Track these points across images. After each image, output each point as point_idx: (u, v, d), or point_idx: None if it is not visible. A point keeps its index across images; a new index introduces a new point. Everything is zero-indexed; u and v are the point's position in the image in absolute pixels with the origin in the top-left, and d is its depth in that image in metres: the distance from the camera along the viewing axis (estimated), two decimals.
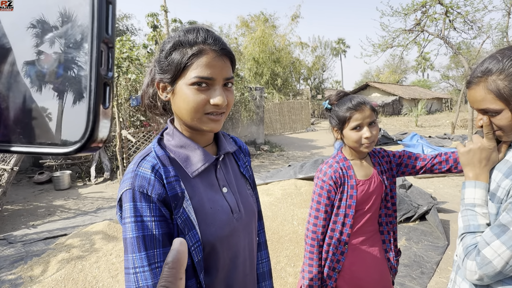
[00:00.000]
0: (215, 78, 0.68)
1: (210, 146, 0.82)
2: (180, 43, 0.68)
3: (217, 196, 0.76)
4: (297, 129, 17.23)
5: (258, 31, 19.46)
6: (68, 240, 3.69)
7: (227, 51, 0.71)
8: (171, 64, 0.69)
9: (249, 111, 8.74)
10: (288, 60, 20.71)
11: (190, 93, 0.67)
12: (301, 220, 3.45)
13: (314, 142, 12.78)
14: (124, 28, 23.67)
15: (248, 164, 0.95)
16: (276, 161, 8.94)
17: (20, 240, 3.83)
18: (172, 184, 0.68)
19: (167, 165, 0.70)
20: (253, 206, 0.87)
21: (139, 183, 0.65)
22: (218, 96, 0.68)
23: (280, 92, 20.49)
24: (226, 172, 0.83)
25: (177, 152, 0.74)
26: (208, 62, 0.67)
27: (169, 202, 0.67)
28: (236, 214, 0.78)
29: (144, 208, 0.64)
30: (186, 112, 0.69)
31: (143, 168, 0.68)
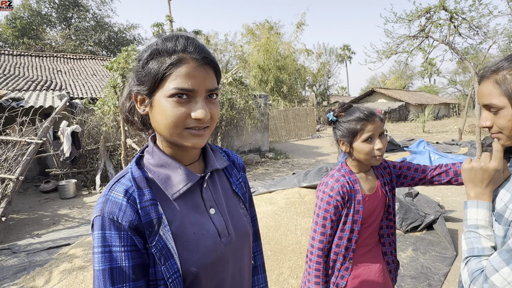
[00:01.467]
0: (196, 90, 0.62)
1: (196, 163, 0.75)
2: (158, 52, 0.63)
3: (202, 219, 0.69)
4: (302, 136, 17.16)
5: (263, 39, 19.61)
6: (71, 250, 3.69)
7: (210, 60, 0.65)
8: (148, 75, 0.63)
9: (253, 119, 8.73)
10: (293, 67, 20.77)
11: (168, 106, 0.61)
12: (305, 230, 3.39)
13: (319, 149, 12.70)
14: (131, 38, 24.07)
15: (242, 180, 0.87)
16: (280, 168, 8.89)
17: (24, 250, 3.84)
18: (147, 209, 0.62)
19: (143, 187, 0.64)
20: (247, 227, 0.80)
21: (109, 209, 0.60)
22: (200, 109, 0.61)
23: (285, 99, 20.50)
24: (215, 191, 0.76)
25: (156, 172, 0.68)
26: (188, 72, 0.61)
27: (143, 229, 0.61)
28: (224, 238, 0.71)
29: (114, 237, 0.59)
30: (165, 127, 0.63)
31: (115, 192, 0.63)
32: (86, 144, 7.39)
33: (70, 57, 14.00)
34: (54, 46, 20.29)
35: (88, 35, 21.10)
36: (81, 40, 21.03)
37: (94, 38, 21.01)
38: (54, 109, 6.73)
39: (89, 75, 12.13)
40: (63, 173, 6.97)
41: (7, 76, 9.64)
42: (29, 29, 20.05)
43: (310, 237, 1.26)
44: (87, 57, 14.63)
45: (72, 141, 6.56)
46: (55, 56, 13.58)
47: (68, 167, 7.14)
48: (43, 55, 13.31)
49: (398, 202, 3.95)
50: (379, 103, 28.09)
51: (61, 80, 10.59)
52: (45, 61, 12.84)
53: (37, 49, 19.32)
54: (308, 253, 1.26)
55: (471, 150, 8.81)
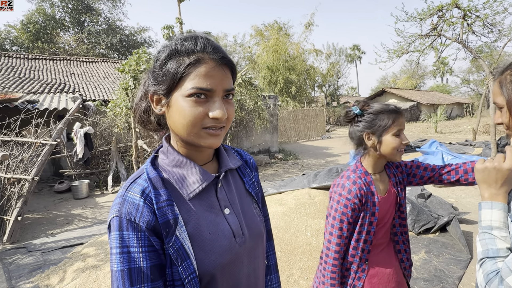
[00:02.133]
0: (215, 89, 0.62)
1: (210, 163, 0.76)
2: (177, 52, 0.63)
3: (217, 219, 0.69)
4: (312, 136, 17.07)
5: (272, 40, 19.62)
6: (84, 249, 3.76)
7: (228, 61, 0.65)
8: (167, 75, 0.63)
9: (263, 120, 8.74)
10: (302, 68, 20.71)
11: (187, 106, 0.61)
12: (315, 232, 3.37)
13: (329, 150, 12.60)
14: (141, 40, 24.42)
15: (255, 179, 0.87)
16: (290, 169, 8.86)
17: (39, 249, 3.93)
18: (163, 210, 0.62)
19: (159, 188, 0.64)
20: (260, 227, 0.79)
21: (126, 210, 0.60)
22: (218, 109, 0.62)
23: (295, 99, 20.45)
24: (229, 191, 0.76)
25: (171, 172, 0.68)
26: (207, 72, 0.61)
27: (160, 230, 0.61)
28: (239, 239, 0.71)
29: (131, 237, 0.59)
30: (182, 127, 0.63)
31: (132, 192, 0.63)
32: (99, 145, 7.52)
33: (83, 60, 14.29)
34: (67, 50, 20.75)
35: (100, 38, 21.51)
36: (94, 43, 21.45)
37: (106, 41, 21.39)
38: (67, 111, 6.88)
39: (101, 77, 12.35)
40: (76, 174, 7.11)
41: (23, 79, 9.91)
42: (44, 33, 20.56)
43: (325, 240, 1.25)
44: (99, 60, 14.91)
45: (85, 143, 6.69)
46: (68, 60, 13.88)
47: (81, 168, 7.28)
48: (56, 59, 13.63)
49: (410, 203, 3.89)
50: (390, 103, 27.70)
51: (74, 82, 10.82)
52: (58, 64, 13.14)
53: (51, 52, 19.80)
54: (323, 255, 1.25)
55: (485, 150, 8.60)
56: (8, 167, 4.75)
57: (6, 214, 4.43)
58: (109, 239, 0.62)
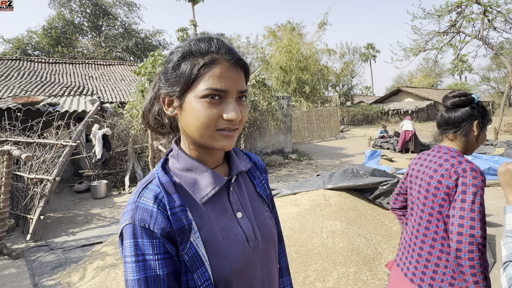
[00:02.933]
0: (229, 91, 0.62)
1: (221, 166, 0.75)
2: (191, 53, 0.63)
3: (231, 224, 0.69)
4: (325, 137, 16.91)
5: (285, 40, 19.57)
6: (103, 248, 3.84)
7: (242, 62, 0.65)
8: (180, 76, 0.63)
9: (276, 120, 8.72)
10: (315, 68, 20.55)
11: (200, 107, 0.61)
12: (330, 233, 3.33)
13: (343, 150, 12.45)
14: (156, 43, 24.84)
15: (265, 182, 0.88)
16: (304, 170, 8.80)
17: (60, 247, 4.05)
18: (178, 216, 0.61)
19: (171, 193, 0.64)
20: (272, 230, 0.79)
21: (140, 217, 0.59)
22: (232, 110, 0.62)
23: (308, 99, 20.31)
24: (241, 194, 0.75)
25: (183, 177, 0.67)
26: (221, 72, 0.61)
27: (174, 236, 0.60)
28: (252, 243, 0.70)
29: (146, 245, 0.58)
30: (196, 129, 0.63)
31: (145, 198, 0.62)
32: (116, 146, 7.69)
33: (100, 63, 14.66)
34: (86, 54, 21.35)
35: (116, 42, 22.02)
36: (110, 47, 21.98)
37: (123, 44, 21.88)
38: (86, 113, 7.07)
39: (118, 80, 12.63)
40: (95, 174, 7.29)
41: (44, 83, 10.25)
42: (63, 38, 21.24)
43: (464, 228, 1.13)
44: (116, 63, 15.25)
45: (103, 144, 6.85)
46: (87, 63, 14.27)
47: (99, 169, 7.46)
48: (75, 62, 14.04)
49: None
50: (405, 103, 27.15)
51: (92, 85, 11.11)
52: (77, 67, 13.53)
53: (70, 56, 20.42)
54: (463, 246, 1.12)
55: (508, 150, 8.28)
56: (31, 167, 4.92)
57: (29, 213, 4.59)
58: (121, 248, 0.60)
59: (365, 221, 3.68)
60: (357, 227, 3.53)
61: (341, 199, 4.05)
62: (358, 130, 21.87)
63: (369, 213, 3.86)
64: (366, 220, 3.71)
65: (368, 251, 3.12)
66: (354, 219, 3.67)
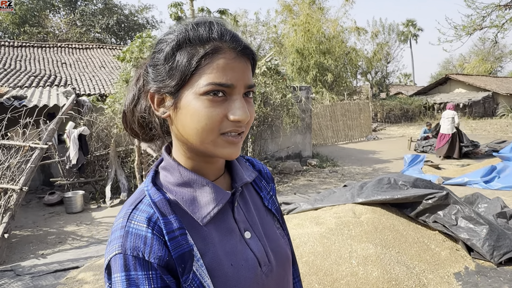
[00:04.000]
0: (235, 85, 0.62)
1: (222, 177, 0.76)
2: (188, 40, 0.62)
3: (239, 246, 0.69)
4: (354, 137, 16.84)
5: (302, 16, 19.63)
6: (80, 274, 3.92)
7: (250, 51, 0.66)
8: (175, 68, 0.63)
9: (292, 117, 8.73)
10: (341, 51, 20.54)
11: (201, 106, 0.61)
12: (362, 259, 3.32)
13: (376, 154, 12.37)
14: (143, 21, 25.15)
15: (272, 193, 0.89)
16: (327, 179, 8.78)
17: (28, 272, 4.14)
18: (177, 240, 0.62)
19: (167, 213, 0.64)
20: (287, 250, 0.80)
21: (131, 244, 0.59)
22: (239, 109, 0.62)
23: (332, 90, 20.30)
24: (247, 210, 0.76)
25: (179, 193, 0.68)
26: (226, 64, 0.61)
27: (174, 266, 0.61)
28: (265, 267, 0.71)
29: (141, 279, 0.58)
30: (195, 133, 0.63)
31: (136, 222, 0.62)
32: (95, 149, 7.82)
33: (76, 47, 14.93)
34: (58, 35, 21.76)
35: (95, 20, 22.38)
36: (87, 26, 22.36)
37: (102, 23, 22.22)
38: (59, 108, 7.21)
39: (97, 67, 12.84)
40: (69, 183, 7.42)
41: (8, 71, 10.50)
42: (31, 16, 21.68)
43: None
44: (94, 46, 15.50)
45: (79, 146, 6.98)
46: (59, 46, 14.55)
47: (74, 176, 7.60)
48: (46, 46, 14.33)
49: (488, 224, 3.76)
50: (455, 94, 26.84)
51: (66, 74, 11.33)
52: (48, 52, 13.81)
53: (39, 38, 20.84)
54: None
55: None
56: None
57: None
58: (108, 283, 0.61)
59: (405, 245, 3.66)
60: (395, 251, 3.52)
61: (374, 216, 4.04)
62: (395, 129, 21.72)
63: (410, 234, 3.84)
64: (406, 243, 3.70)
65: (409, 282, 3.11)
66: (391, 241, 3.66)
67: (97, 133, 7.84)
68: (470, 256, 3.71)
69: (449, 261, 3.56)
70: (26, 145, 5.30)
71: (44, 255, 4.69)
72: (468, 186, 7.07)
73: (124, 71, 6.91)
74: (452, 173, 8.19)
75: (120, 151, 7.81)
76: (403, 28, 45.40)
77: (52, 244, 5.10)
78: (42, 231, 5.66)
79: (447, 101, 25.55)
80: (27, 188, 4.92)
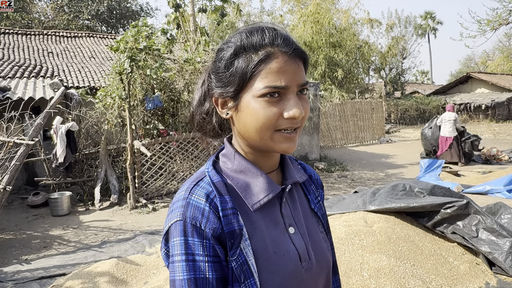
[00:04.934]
0: (289, 86, 0.74)
1: (275, 172, 0.89)
2: (243, 48, 0.75)
3: (282, 238, 0.81)
4: (365, 139, 16.87)
5: (311, 6, 19.67)
6: (68, 281, 3.95)
7: (300, 52, 0.77)
8: (234, 75, 0.76)
9: None
10: (352, 44, 20.58)
11: (259, 107, 0.74)
12: (374, 271, 3.36)
13: (390, 159, 12.39)
14: (137, 8, 25.21)
15: (320, 199, 1.01)
16: (336, 184, 8.82)
17: (11, 279, 4.18)
18: (229, 218, 0.75)
19: (223, 194, 0.77)
20: (327, 254, 0.91)
21: (191, 214, 0.73)
22: (294, 107, 0.74)
23: (342, 88, 20.34)
24: (293, 207, 0.88)
25: (235, 179, 0.82)
26: (279, 67, 0.73)
27: (225, 240, 0.74)
28: (305, 263, 0.82)
29: (197, 244, 0.71)
30: (255, 130, 0.75)
31: (196, 196, 0.76)
32: (84, 146, 7.85)
33: (63, 35, 14.98)
34: (44, 21, 21.82)
35: (84, 5, 22.42)
36: (76, 12, 22.40)
37: (91, 9, 22.27)
38: (46, 101, 7.26)
39: (87, 57, 12.89)
40: (55, 183, 7.46)
41: None
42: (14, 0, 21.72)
43: None
44: (83, 35, 15.56)
45: (66, 143, 7.02)
46: (45, 34, 14.60)
47: (61, 176, 7.63)
48: (30, 33, 14.38)
49: (505, 231, 3.79)
50: (477, 94, 26.84)
51: (52, 64, 11.37)
52: (33, 40, 13.86)
53: (23, 25, 20.90)
54: None
55: None
56: None
57: None
58: (164, 248, 0.76)
59: (421, 257, 3.69)
60: (410, 264, 3.55)
61: (388, 226, 4.07)
62: (411, 131, 21.72)
63: (426, 246, 3.87)
64: (422, 255, 3.72)
65: None
66: (406, 253, 3.69)
67: (87, 130, 7.88)
68: (492, 271, 3.73)
69: (469, 276, 3.59)
70: (11, 141, 5.35)
71: (28, 260, 4.73)
72: (489, 195, 7.09)
73: (118, 62, 6.95)
74: (472, 181, 8.21)
75: (111, 150, 7.84)
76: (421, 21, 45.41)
77: (37, 249, 5.14)
78: (25, 235, 5.71)
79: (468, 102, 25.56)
80: (11, 187, 4.97)
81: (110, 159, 7.74)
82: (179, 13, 9.90)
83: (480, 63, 45.00)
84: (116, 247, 5.11)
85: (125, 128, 7.29)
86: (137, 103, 7.18)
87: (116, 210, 6.90)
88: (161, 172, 7.34)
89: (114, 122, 7.40)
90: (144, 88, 7.17)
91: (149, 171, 7.17)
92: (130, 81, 6.88)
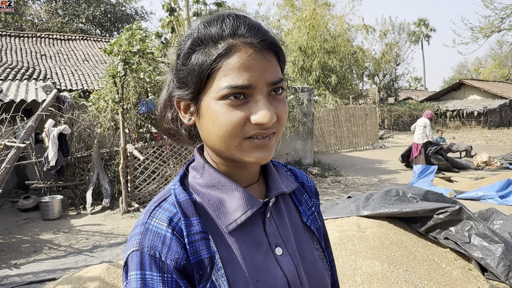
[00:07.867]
0: (255, 85, 0.61)
1: (256, 184, 0.75)
2: (200, 41, 0.63)
3: (267, 262, 0.68)
4: (359, 145, 16.93)
5: (306, 12, 19.80)
6: (57, 286, 3.90)
7: (270, 43, 0.64)
8: (191, 73, 0.64)
9: (293, 121, 8.80)
10: (347, 50, 20.71)
11: (220, 111, 0.61)
12: (367, 277, 3.35)
13: (383, 164, 12.45)
14: (132, 12, 25.21)
15: (315, 209, 0.87)
16: (329, 189, 8.83)
17: (0, 284, 4.12)
18: (196, 245, 0.63)
19: (190, 215, 0.65)
20: (324, 275, 0.78)
21: (149, 243, 0.61)
22: (261, 110, 0.61)
23: (336, 93, 20.43)
24: (281, 223, 0.75)
25: (206, 195, 0.69)
26: (242, 63, 0.61)
27: (192, 272, 0.62)
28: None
29: (156, 280, 0.60)
30: (219, 139, 0.64)
31: (157, 220, 0.64)
32: (76, 150, 7.80)
33: (57, 38, 14.93)
34: (37, 24, 21.73)
35: (79, 9, 22.39)
36: (70, 15, 22.35)
37: (87, 13, 22.24)
38: (38, 104, 7.21)
39: (80, 60, 12.84)
40: (46, 187, 7.39)
41: None
42: None
43: None
44: (77, 38, 15.51)
45: (58, 146, 6.96)
46: (38, 37, 14.55)
47: (52, 179, 7.57)
48: (23, 35, 14.31)
49: (503, 243, 3.80)
50: (470, 101, 27.10)
51: (45, 67, 11.32)
52: (26, 42, 13.80)
53: (17, 27, 20.81)
54: None
55: None
56: None
57: None
58: (124, 281, 0.63)
59: (414, 262, 3.70)
60: (403, 269, 3.55)
61: (381, 231, 4.07)
62: (404, 137, 21.85)
63: (419, 252, 3.88)
64: (415, 260, 3.73)
65: None
66: (399, 258, 3.69)
67: (79, 133, 7.84)
68: (484, 276, 3.75)
69: (461, 281, 3.60)
70: (1, 143, 5.30)
71: (18, 265, 4.67)
72: (482, 201, 7.14)
73: (111, 65, 6.94)
74: (465, 187, 8.27)
75: (104, 153, 7.80)
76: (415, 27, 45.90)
77: (26, 253, 5.08)
78: (15, 239, 5.64)
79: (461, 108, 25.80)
80: (1, 190, 4.91)
81: (103, 163, 7.69)
82: (174, 17, 9.89)
83: (472, 70, 45.51)
84: (108, 251, 5.07)
85: (118, 131, 7.26)
86: (131, 106, 7.15)
87: (108, 214, 6.85)
88: (154, 176, 7.30)
89: (107, 125, 7.36)
90: (137, 92, 7.14)
91: (142, 175, 7.13)
92: (124, 84, 6.86)
